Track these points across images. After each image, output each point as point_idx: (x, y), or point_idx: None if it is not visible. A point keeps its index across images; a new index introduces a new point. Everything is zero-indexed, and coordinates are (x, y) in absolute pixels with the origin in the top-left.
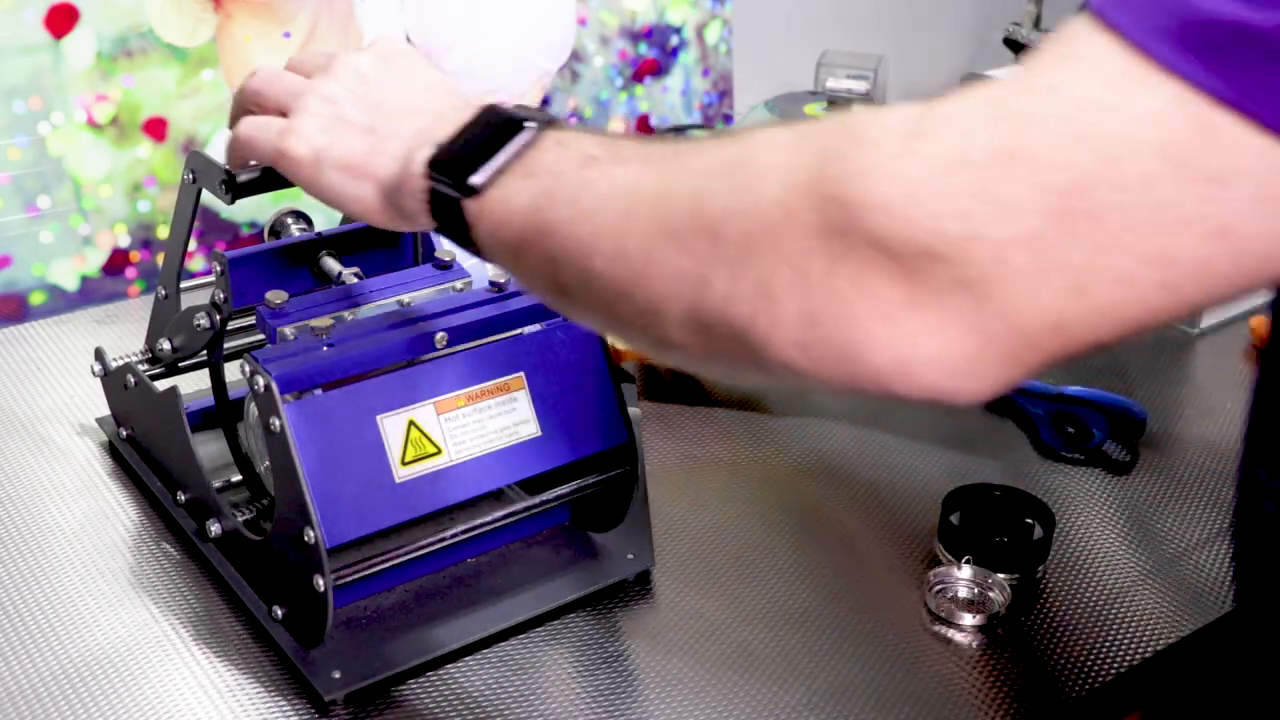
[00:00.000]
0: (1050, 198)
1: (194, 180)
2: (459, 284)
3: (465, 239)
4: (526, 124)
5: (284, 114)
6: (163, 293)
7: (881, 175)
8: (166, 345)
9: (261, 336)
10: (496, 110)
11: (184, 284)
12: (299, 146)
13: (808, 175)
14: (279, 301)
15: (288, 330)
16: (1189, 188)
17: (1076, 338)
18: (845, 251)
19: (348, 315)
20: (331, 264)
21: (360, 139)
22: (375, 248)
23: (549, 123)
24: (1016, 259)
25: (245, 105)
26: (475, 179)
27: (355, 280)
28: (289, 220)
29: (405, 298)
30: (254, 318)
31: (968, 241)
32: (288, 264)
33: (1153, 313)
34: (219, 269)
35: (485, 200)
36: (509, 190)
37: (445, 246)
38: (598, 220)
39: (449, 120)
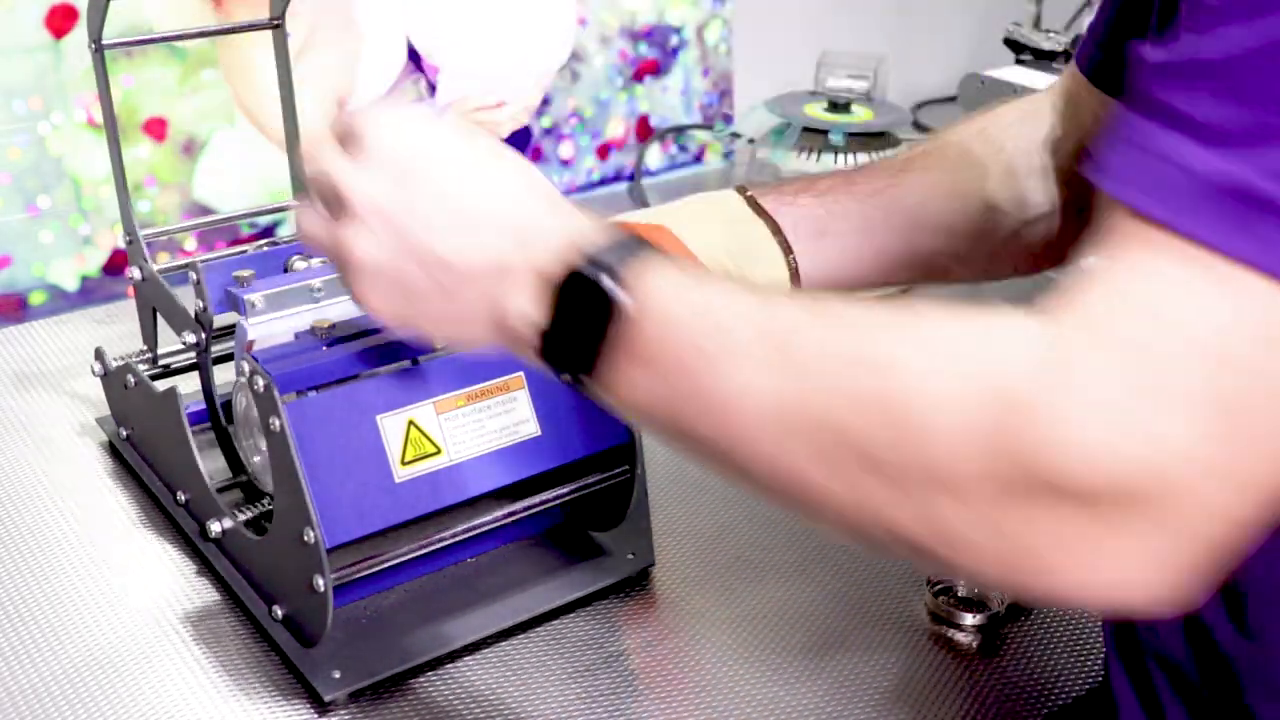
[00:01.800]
0: (1209, 424)
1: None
2: None
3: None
4: (616, 299)
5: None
6: (138, 274)
7: (1055, 423)
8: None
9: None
10: (581, 279)
11: (164, 265)
12: (383, 314)
13: (979, 422)
14: (246, 274)
15: (256, 299)
16: None
17: (1250, 530)
18: (1028, 496)
19: (314, 285)
20: (300, 264)
21: (434, 303)
22: None
23: (632, 261)
24: (1188, 485)
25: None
26: (586, 374)
27: (321, 264)
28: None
29: None
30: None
31: (1141, 476)
32: (261, 269)
33: None
34: (195, 278)
35: (603, 382)
36: (625, 377)
37: None
38: (734, 430)
39: (518, 273)
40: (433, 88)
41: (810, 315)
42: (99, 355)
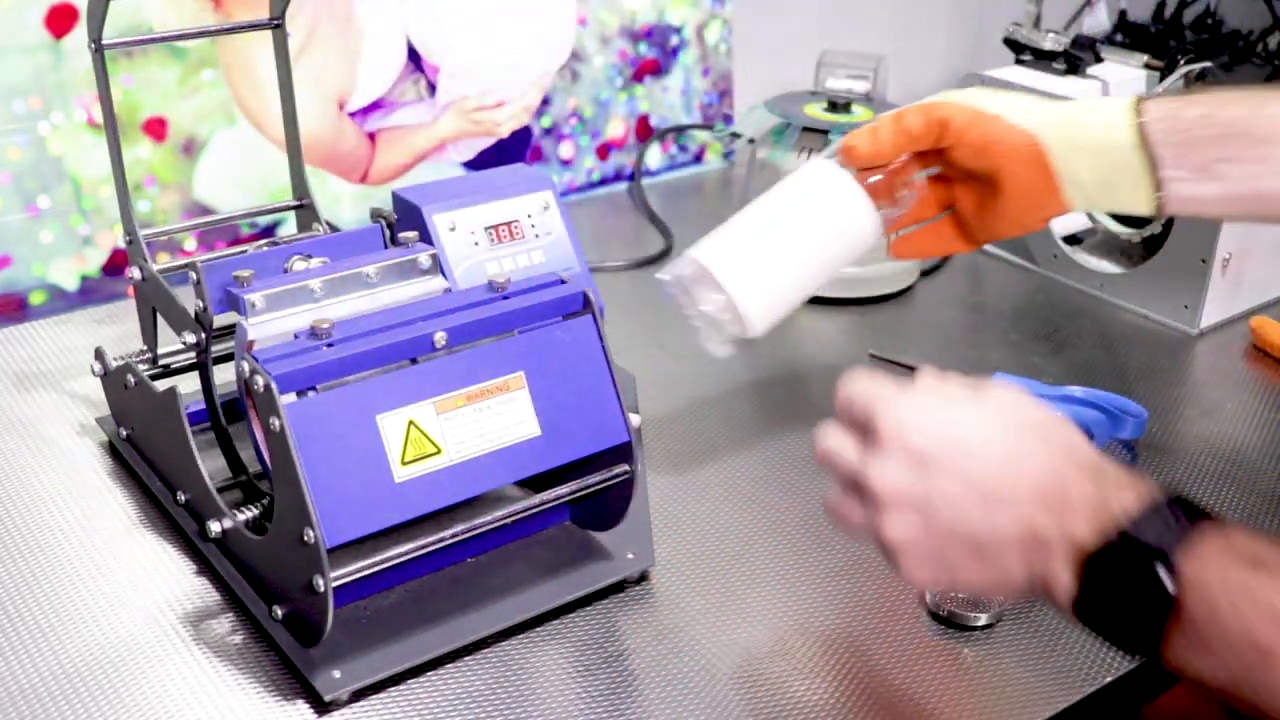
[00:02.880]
0: None
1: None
2: (424, 259)
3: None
4: (1158, 567)
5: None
6: (138, 274)
7: None
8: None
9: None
10: (1118, 554)
11: (164, 265)
12: (922, 577)
13: None
14: (246, 274)
15: (256, 299)
16: None
17: None
18: None
19: (314, 285)
20: (300, 265)
21: (972, 571)
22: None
23: (1173, 542)
24: None
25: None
26: (1141, 650)
27: (321, 264)
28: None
29: (370, 270)
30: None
31: None
32: (261, 269)
33: None
34: (195, 278)
35: (1150, 649)
36: (1186, 655)
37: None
38: None
39: (1053, 544)
40: (433, 88)
41: None
42: (99, 355)
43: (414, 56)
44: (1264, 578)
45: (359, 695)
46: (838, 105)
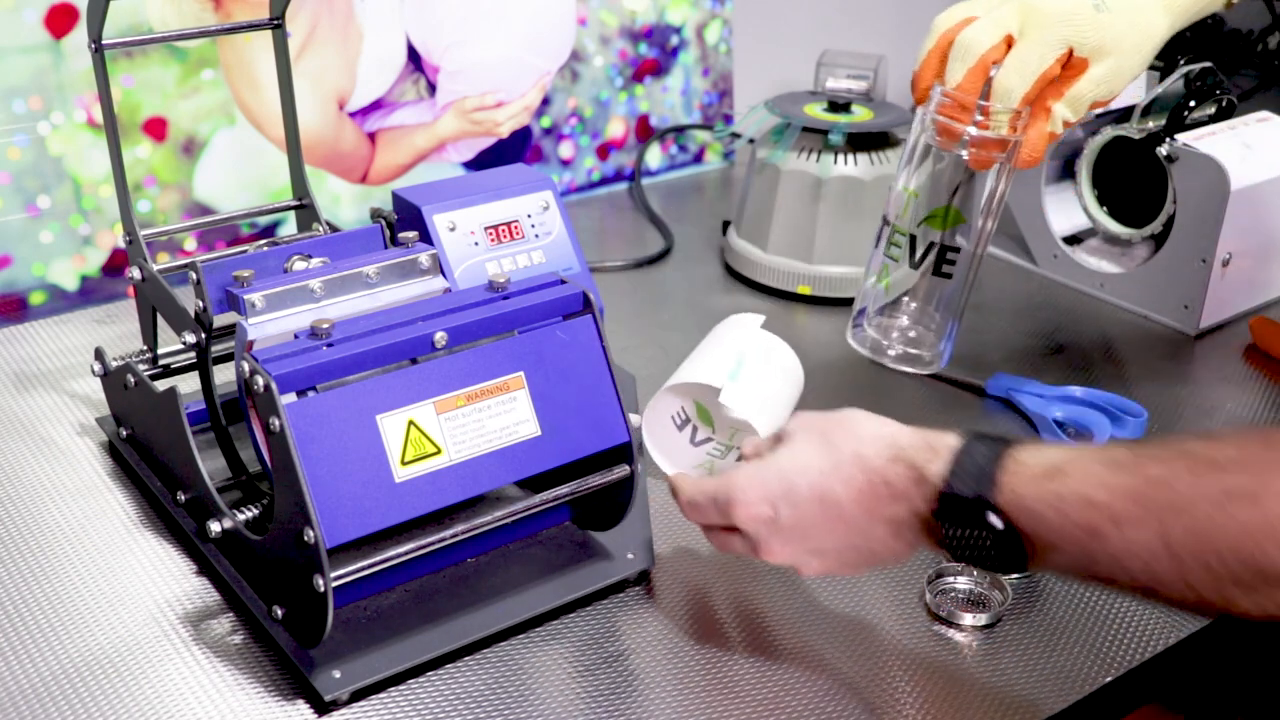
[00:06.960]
0: None
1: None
2: (424, 259)
3: None
4: (984, 513)
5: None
6: (138, 274)
7: None
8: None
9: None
10: (945, 514)
11: (164, 265)
12: (814, 571)
13: None
14: (246, 274)
15: (256, 299)
16: None
17: None
18: None
19: (314, 285)
20: (300, 265)
21: (841, 547)
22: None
23: (986, 489)
24: None
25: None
26: (1011, 570)
27: (321, 264)
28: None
29: (370, 270)
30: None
31: None
32: (261, 269)
33: None
34: (195, 278)
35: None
36: (1044, 560)
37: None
38: (1139, 575)
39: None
40: (433, 88)
41: (1169, 468)
42: (99, 355)
43: (414, 56)
44: (1063, 480)
45: (359, 695)
46: (838, 105)
